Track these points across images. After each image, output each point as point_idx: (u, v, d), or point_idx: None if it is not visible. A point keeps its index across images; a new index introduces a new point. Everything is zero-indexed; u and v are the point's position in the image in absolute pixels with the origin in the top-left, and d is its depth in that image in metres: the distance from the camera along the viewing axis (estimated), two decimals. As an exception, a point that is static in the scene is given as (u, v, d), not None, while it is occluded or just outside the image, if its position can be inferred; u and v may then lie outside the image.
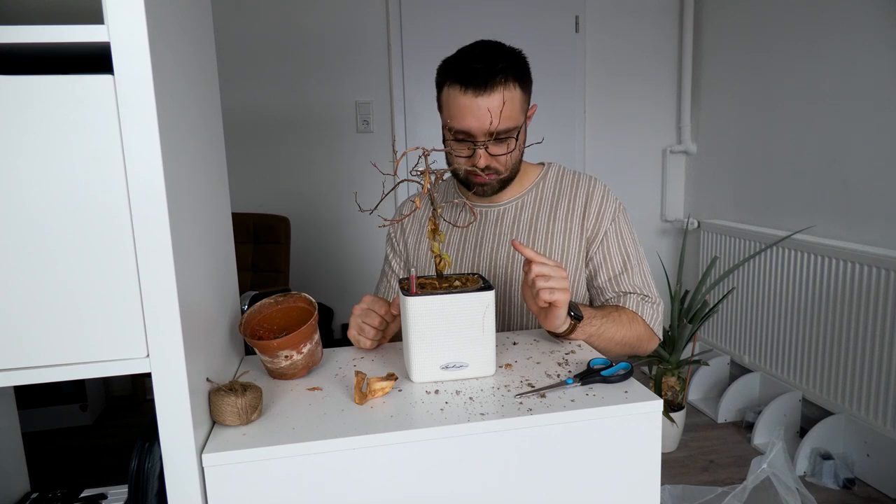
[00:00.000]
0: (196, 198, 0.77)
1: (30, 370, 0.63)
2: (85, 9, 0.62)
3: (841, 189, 2.28)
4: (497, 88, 1.05)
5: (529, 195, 1.23)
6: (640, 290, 1.17)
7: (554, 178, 1.24)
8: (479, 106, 1.05)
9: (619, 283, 1.18)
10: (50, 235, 0.61)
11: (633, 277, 1.18)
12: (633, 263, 1.19)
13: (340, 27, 2.83)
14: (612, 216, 1.19)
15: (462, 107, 1.06)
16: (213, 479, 0.68)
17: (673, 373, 2.42)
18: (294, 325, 0.91)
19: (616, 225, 1.19)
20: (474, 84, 1.05)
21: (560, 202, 1.21)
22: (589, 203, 1.19)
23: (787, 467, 1.54)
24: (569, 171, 1.25)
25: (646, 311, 1.16)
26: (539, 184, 1.23)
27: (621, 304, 1.16)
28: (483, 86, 1.04)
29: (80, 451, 2.42)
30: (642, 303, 1.16)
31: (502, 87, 1.05)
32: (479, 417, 0.75)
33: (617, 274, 1.18)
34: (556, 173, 1.25)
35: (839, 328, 2.17)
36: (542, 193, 1.23)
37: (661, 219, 3.27)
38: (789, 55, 2.48)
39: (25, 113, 0.59)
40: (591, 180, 1.22)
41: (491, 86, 1.05)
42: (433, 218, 0.93)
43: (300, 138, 2.89)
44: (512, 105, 1.07)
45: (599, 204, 1.19)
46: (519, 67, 1.09)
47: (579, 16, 3.00)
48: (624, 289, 1.18)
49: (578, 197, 1.21)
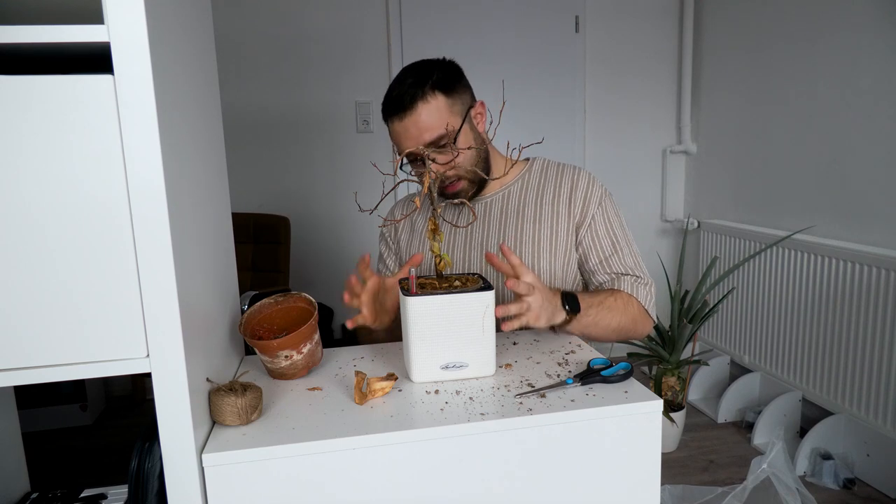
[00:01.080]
0: (196, 198, 0.77)
1: (30, 370, 0.63)
2: (85, 9, 0.62)
3: (841, 189, 2.28)
4: (416, 105, 1.10)
5: (515, 185, 1.25)
6: (633, 271, 1.19)
7: (539, 169, 1.26)
8: (406, 127, 1.11)
9: (610, 265, 1.19)
10: (50, 235, 0.61)
11: (625, 258, 1.19)
12: (623, 245, 1.20)
13: (340, 27, 2.83)
14: (598, 200, 1.21)
15: (396, 133, 1.13)
16: (213, 479, 0.68)
17: (673, 373, 2.42)
18: (294, 325, 0.91)
19: (602, 209, 1.21)
20: (395, 110, 1.11)
21: (545, 188, 1.23)
22: (574, 189, 1.21)
23: (787, 467, 1.54)
24: (554, 163, 1.27)
25: (640, 292, 1.17)
26: (524, 175, 1.26)
27: (616, 288, 1.16)
28: (402, 108, 1.10)
29: (80, 451, 2.41)
30: (636, 284, 1.17)
31: (420, 101, 1.10)
32: (479, 417, 0.75)
33: (607, 256, 1.19)
34: (542, 165, 1.27)
35: (839, 328, 2.17)
36: (528, 183, 1.25)
37: (661, 219, 3.27)
38: (789, 55, 2.48)
39: (25, 113, 0.59)
40: (575, 169, 1.25)
41: (409, 104, 1.10)
42: (433, 218, 0.93)
43: (300, 138, 2.88)
44: (434, 114, 1.10)
45: (585, 189, 1.21)
46: (437, 77, 1.12)
47: (579, 16, 3.00)
48: (616, 269, 1.19)
49: (564, 184, 1.23)
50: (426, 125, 1.10)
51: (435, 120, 1.10)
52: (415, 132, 1.10)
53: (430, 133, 1.10)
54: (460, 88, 1.16)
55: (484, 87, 1.35)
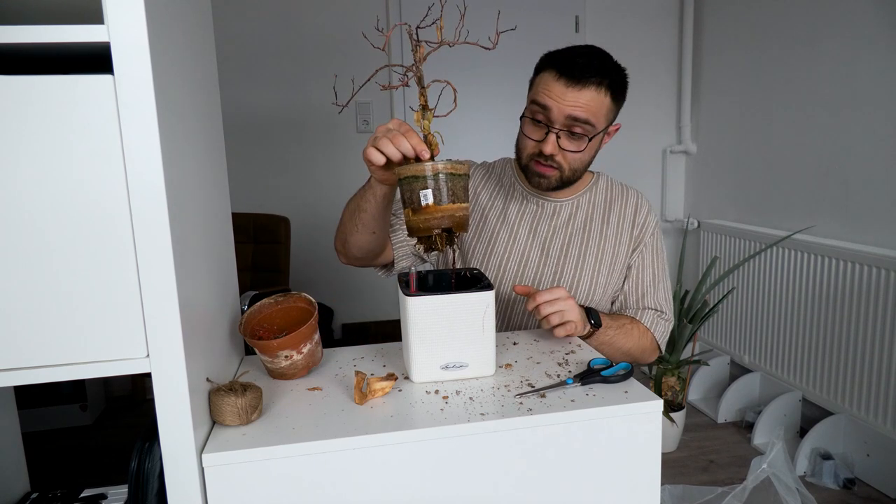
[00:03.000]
0: (196, 198, 0.77)
1: (30, 370, 0.63)
2: (85, 9, 0.62)
3: (841, 189, 2.28)
4: (588, 86, 1.07)
5: (584, 197, 1.26)
6: (660, 308, 1.22)
7: (605, 186, 1.28)
8: (566, 93, 1.07)
9: (644, 298, 1.23)
10: (50, 235, 0.61)
11: (658, 294, 1.23)
12: (661, 280, 1.24)
13: (340, 27, 2.83)
14: (652, 230, 1.25)
15: (549, 89, 1.09)
16: (213, 479, 0.68)
17: (673, 373, 2.42)
18: (294, 325, 0.91)
19: (654, 239, 1.25)
20: (569, 74, 1.07)
21: (612, 208, 1.25)
22: (637, 213, 1.25)
23: (787, 467, 1.54)
24: (617, 182, 1.30)
25: (658, 327, 1.21)
26: (592, 188, 1.27)
27: (637, 318, 1.20)
28: (577, 78, 1.07)
29: (80, 451, 2.41)
30: (658, 319, 1.21)
31: (594, 86, 1.07)
32: (479, 417, 0.75)
33: (645, 287, 1.23)
34: (607, 181, 1.29)
35: (839, 328, 2.17)
36: (595, 198, 1.26)
37: (661, 219, 3.27)
38: (789, 56, 2.48)
39: (25, 113, 0.59)
40: (638, 193, 1.28)
41: (583, 82, 1.07)
42: (422, 93, 0.92)
43: (300, 138, 2.88)
44: (596, 103, 1.09)
45: (645, 216, 1.25)
46: (616, 79, 1.11)
47: (579, 16, 3.00)
48: (647, 304, 1.22)
49: (628, 206, 1.25)
50: (582, 104, 1.07)
51: (593, 106, 1.08)
52: (570, 101, 1.07)
53: (582, 112, 1.08)
54: (619, 102, 1.15)
55: (484, 86, 1.35)
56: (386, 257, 1.21)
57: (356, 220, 1.08)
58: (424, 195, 0.85)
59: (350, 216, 1.10)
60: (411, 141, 0.89)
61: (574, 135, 1.10)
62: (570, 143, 1.11)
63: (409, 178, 0.87)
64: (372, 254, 1.15)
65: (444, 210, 0.86)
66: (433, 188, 0.86)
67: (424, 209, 0.86)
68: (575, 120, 1.08)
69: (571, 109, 1.07)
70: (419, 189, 0.86)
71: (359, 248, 1.13)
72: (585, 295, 1.21)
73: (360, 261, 1.18)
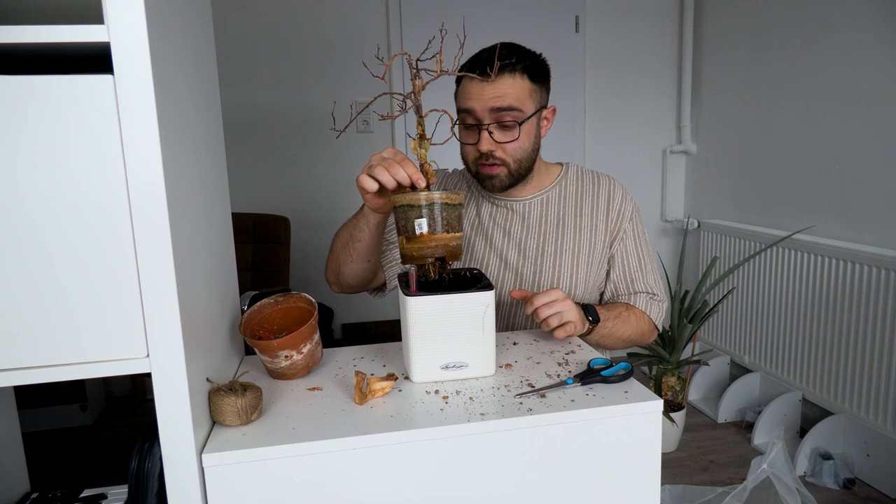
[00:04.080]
0: (196, 198, 0.77)
1: (30, 370, 0.63)
2: (85, 9, 0.62)
3: (841, 189, 2.28)
4: (502, 75, 1.08)
5: (553, 191, 1.25)
6: (651, 290, 1.23)
7: (575, 176, 1.27)
8: (483, 89, 1.09)
9: (633, 283, 1.23)
10: (50, 235, 0.61)
11: (647, 277, 1.24)
12: (647, 262, 1.24)
13: (340, 27, 2.83)
14: (630, 215, 1.24)
15: (467, 91, 1.11)
16: (213, 479, 0.68)
17: (673, 373, 2.42)
18: (294, 325, 0.91)
19: (633, 224, 1.24)
20: (481, 72, 1.08)
21: (584, 199, 1.24)
22: (611, 201, 1.23)
23: (787, 467, 1.54)
24: (587, 171, 1.28)
25: (653, 309, 1.22)
26: (561, 181, 1.26)
27: (631, 303, 1.21)
28: (486, 73, 1.07)
29: (80, 451, 2.41)
30: (651, 301, 1.22)
31: (508, 73, 1.08)
32: (479, 417, 0.75)
33: (633, 273, 1.23)
34: (577, 172, 1.28)
35: (839, 328, 2.17)
36: (566, 190, 1.25)
37: (661, 219, 3.27)
38: (789, 55, 2.48)
39: (25, 113, 0.59)
40: (610, 180, 1.27)
41: (496, 73, 1.08)
42: (420, 122, 0.93)
43: (300, 138, 2.88)
44: (515, 89, 1.09)
45: (620, 203, 1.23)
46: (529, 63, 1.11)
47: (579, 16, 3.00)
48: (637, 288, 1.23)
49: (600, 195, 1.24)
50: (502, 92, 1.08)
51: (512, 92, 1.09)
52: (489, 95, 1.08)
53: (502, 101, 1.08)
54: (544, 84, 1.15)
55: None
56: (378, 280, 1.23)
57: (350, 251, 1.09)
58: (419, 224, 0.87)
59: (343, 247, 1.11)
60: (407, 170, 0.90)
61: (506, 126, 1.11)
62: (503, 134, 1.12)
63: (405, 206, 0.88)
64: (366, 281, 1.18)
65: (437, 240, 0.88)
66: (428, 217, 0.87)
67: (419, 238, 0.87)
68: (500, 110, 1.09)
69: (493, 101, 1.08)
70: (414, 218, 0.87)
71: (354, 277, 1.15)
72: (568, 291, 1.21)
73: (354, 288, 1.20)
